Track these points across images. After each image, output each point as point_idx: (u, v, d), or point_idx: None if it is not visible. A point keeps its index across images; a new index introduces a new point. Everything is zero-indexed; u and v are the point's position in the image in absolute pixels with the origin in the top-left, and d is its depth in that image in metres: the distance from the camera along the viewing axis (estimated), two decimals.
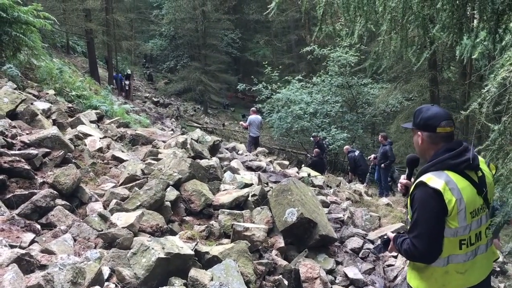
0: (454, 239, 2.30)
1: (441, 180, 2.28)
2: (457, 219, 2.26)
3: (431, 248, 2.29)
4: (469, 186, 2.32)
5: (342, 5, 3.28)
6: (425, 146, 2.46)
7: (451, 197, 2.24)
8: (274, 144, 23.51)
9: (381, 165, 12.14)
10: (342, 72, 20.15)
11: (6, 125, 5.14)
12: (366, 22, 3.35)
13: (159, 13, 37.47)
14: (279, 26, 36.48)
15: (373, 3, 3.19)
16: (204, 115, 31.29)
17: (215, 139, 8.46)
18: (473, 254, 2.35)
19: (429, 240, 2.28)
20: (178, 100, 33.52)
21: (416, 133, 2.50)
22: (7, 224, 3.62)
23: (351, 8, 3.28)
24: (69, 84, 9.83)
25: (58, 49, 25.91)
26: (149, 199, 4.50)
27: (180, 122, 25.54)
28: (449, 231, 2.28)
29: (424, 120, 2.44)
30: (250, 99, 32.10)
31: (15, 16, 8.43)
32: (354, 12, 3.29)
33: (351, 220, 6.75)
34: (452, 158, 2.33)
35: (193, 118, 29.21)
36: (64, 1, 21.51)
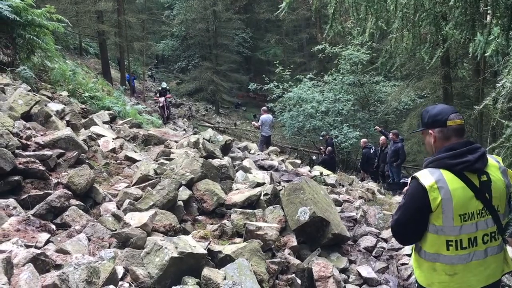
0: (439, 237, 2.35)
1: (432, 177, 2.33)
2: (441, 217, 2.31)
3: (401, 235, 2.53)
4: (463, 188, 2.32)
5: (352, 4, 3.26)
6: (438, 144, 2.45)
7: (437, 196, 2.29)
8: (285, 143, 23.48)
9: (393, 164, 12.07)
10: (354, 70, 20.07)
11: (21, 126, 5.21)
12: (377, 20, 3.33)
13: (170, 13, 37.65)
14: (290, 25, 36.42)
15: (383, 1, 3.17)
16: (215, 114, 31.36)
17: (227, 139, 8.48)
18: (466, 258, 2.35)
19: (402, 227, 2.47)
20: (190, 100, 33.65)
21: (427, 133, 2.49)
22: (22, 225, 3.67)
23: (361, 6, 3.26)
24: (82, 86, 9.92)
25: (71, 51, 26.16)
26: (162, 198, 4.53)
27: (192, 122, 25.63)
28: (432, 228, 2.36)
29: (432, 117, 2.45)
30: (262, 98, 32.09)
31: (29, 19, 8.54)
32: (365, 11, 3.27)
33: (364, 218, 6.72)
34: (450, 157, 2.34)
35: (205, 118, 29.29)
36: (77, 3, 21.70)
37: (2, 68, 7.91)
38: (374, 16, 3.20)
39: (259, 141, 14.90)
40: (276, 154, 12.02)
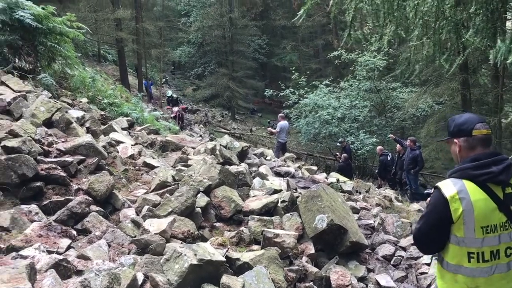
0: (460, 248, 2.32)
1: (454, 188, 2.30)
2: (462, 229, 2.28)
3: (423, 245, 2.50)
4: (486, 200, 2.28)
5: (371, 11, 3.25)
6: (463, 154, 2.42)
7: (458, 206, 2.26)
8: (301, 149, 23.43)
9: (410, 171, 11.95)
10: (370, 77, 19.95)
11: (42, 133, 5.30)
12: (396, 28, 3.31)
13: (187, 20, 37.93)
14: (306, 31, 36.38)
15: (403, 9, 3.15)
16: (231, 120, 31.45)
17: (243, 145, 8.51)
18: (488, 271, 2.31)
19: (424, 237, 2.44)
20: (206, 106, 33.80)
21: (453, 142, 2.47)
22: (44, 230, 3.73)
23: (380, 14, 3.25)
24: (101, 92, 10.06)
25: (90, 58, 26.52)
26: (180, 205, 4.57)
27: (208, 128, 25.74)
28: (454, 239, 2.33)
29: (458, 126, 2.42)
30: (277, 104, 32.08)
31: (50, 27, 8.70)
32: (384, 18, 3.27)
33: (382, 226, 6.67)
34: (474, 168, 2.31)
35: (221, 124, 29.39)
36: (96, 11, 22.03)
37: (24, 75, 8.07)
38: (394, 24, 3.19)
39: (275, 148, 14.90)
40: (292, 161, 12.00)
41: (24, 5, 8.50)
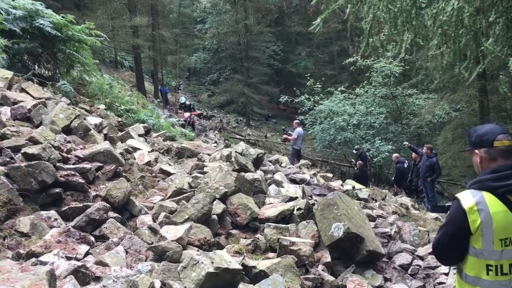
0: (479, 260, 2.30)
1: (473, 199, 2.28)
2: (481, 241, 2.26)
3: (442, 255, 2.49)
4: (505, 212, 2.24)
5: (389, 20, 3.24)
6: (484, 165, 2.39)
7: (477, 218, 2.23)
8: (316, 156, 23.37)
9: (427, 179, 11.83)
10: (386, 83, 19.84)
11: (61, 140, 5.38)
12: (414, 36, 3.30)
13: (203, 27, 38.24)
14: (321, 38, 36.35)
15: (421, 17, 3.14)
16: (246, 127, 31.51)
17: (259, 152, 8.51)
18: (506, 285, 2.28)
19: (443, 248, 2.43)
20: (221, 112, 33.94)
21: (474, 153, 2.44)
22: (63, 236, 3.78)
23: (398, 22, 3.24)
24: (118, 99, 10.18)
25: (106, 64, 26.88)
26: (197, 212, 4.58)
27: (223, 134, 25.83)
28: (473, 250, 2.31)
29: (479, 137, 2.40)
30: (292, 110, 32.06)
31: (69, 35, 8.84)
32: (402, 27, 3.25)
33: (398, 235, 6.60)
34: (494, 180, 2.28)
35: (235, 130, 29.47)
36: (113, 18, 22.34)
37: (43, 82, 8.20)
38: (412, 32, 3.18)
39: (290, 154, 14.89)
40: (307, 167, 11.97)
41: (44, 13, 8.66)
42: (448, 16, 2.91)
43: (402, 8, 3.09)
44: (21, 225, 3.80)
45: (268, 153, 18.67)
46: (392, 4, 3.22)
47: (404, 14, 3.07)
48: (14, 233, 3.76)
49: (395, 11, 3.09)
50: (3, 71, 7.03)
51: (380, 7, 3.28)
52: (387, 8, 3.22)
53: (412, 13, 3.06)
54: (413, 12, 3.05)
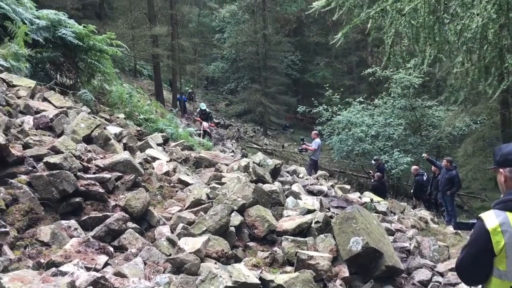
0: (503, 282, 2.25)
1: (496, 220, 2.24)
2: (505, 262, 2.22)
3: (465, 276, 2.44)
4: None
5: (411, 35, 3.22)
6: (508, 184, 2.36)
7: (500, 239, 2.20)
8: (334, 167, 23.23)
9: (447, 192, 11.65)
10: (405, 94, 19.67)
11: (82, 149, 5.44)
12: (438, 52, 3.27)
13: (221, 37, 38.50)
14: (339, 48, 36.17)
15: (445, 33, 3.11)
16: (263, 136, 31.52)
17: (276, 163, 8.49)
18: None
19: (466, 268, 2.40)
20: (238, 121, 34.03)
21: (499, 172, 2.41)
22: (83, 246, 3.81)
23: (421, 38, 3.22)
24: (138, 108, 10.28)
25: (126, 73, 27.25)
26: (215, 224, 4.58)
27: (240, 144, 25.87)
28: (496, 272, 2.26)
29: (504, 156, 2.36)
30: (309, 120, 32.03)
31: (90, 45, 8.98)
32: (424, 42, 3.23)
33: (418, 250, 6.50)
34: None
35: (252, 140, 29.49)
36: (133, 28, 22.68)
37: (65, 91, 8.33)
38: (435, 48, 3.15)
39: (307, 165, 14.82)
40: (324, 179, 11.90)
41: (66, 23, 8.82)
42: (473, 33, 2.87)
43: (424, 24, 3.07)
44: (41, 234, 3.84)
45: (285, 163, 18.63)
46: (414, 19, 3.20)
47: (426, 29, 3.05)
48: (35, 242, 3.80)
49: (417, 26, 3.07)
50: (26, 80, 7.17)
51: (402, 22, 3.26)
52: (409, 23, 3.20)
53: (435, 28, 3.03)
54: (436, 28, 3.03)
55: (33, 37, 8.03)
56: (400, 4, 3.41)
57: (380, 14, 3.68)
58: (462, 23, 3.03)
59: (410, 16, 3.29)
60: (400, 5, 3.41)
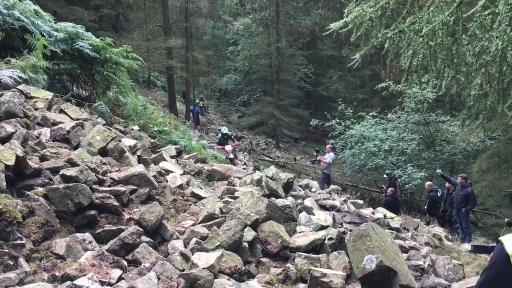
0: None
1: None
2: None
3: None
4: None
5: (429, 57, 3.21)
6: None
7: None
8: (346, 180, 23.11)
9: (462, 209, 11.51)
10: (419, 109, 19.55)
11: (98, 161, 5.49)
12: (456, 74, 3.25)
13: (235, 49, 38.76)
14: (352, 61, 36.27)
15: (463, 55, 3.10)
16: (275, 149, 31.50)
17: (289, 177, 8.48)
18: None
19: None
20: (251, 133, 34.08)
21: None
22: (97, 260, 3.82)
23: (438, 59, 3.21)
24: (152, 120, 10.35)
25: (140, 84, 27.50)
26: (228, 239, 4.58)
27: (252, 156, 25.88)
28: None
29: None
30: (321, 133, 31.98)
31: (107, 57, 9.09)
32: (442, 63, 3.22)
33: (432, 268, 6.42)
34: None
35: (265, 152, 29.49)
36: (148, 40, 22.92)
37: (81, 102, 8.43)
38: (453, 69, 3.14)
39: (320, 179, 14.77)
40: (337, 193, 11.84)
41: (84, 36, 8.95)
42: (492, 56, 2.86)
43: (442, 45, 3.06)
44: (57, 247, 3.87)
45: (297, 176, 18.58)
46: (432, 40, 3.20)
47: (444, 51, 3.04)
48: (50, 254, 3.83)
49: (435, 48, 3.06)
50: (44, 92, 7.26)
51: (420, 43, 3.26)
52: (427, 44, 3.20)
53: (453, 49, 3.02)
54: (454, 49, 3.02)
55: (51, 49, 8.16)
56: (418, 25, 3.41)
57: (398, 35, 3.68)
58: (480, 45, 3.02)
59: (428, 37, 3.29)
60: (418, 26, 3.42)
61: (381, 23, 3.99)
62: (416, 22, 3.43)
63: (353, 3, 4.48)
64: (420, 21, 3.40)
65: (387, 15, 3.91)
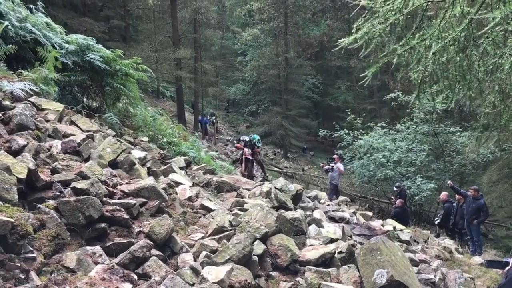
0: None
1: None
2: None
3: None
4: None
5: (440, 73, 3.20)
6: None
7: None
8: (355, 191, 22.99)
9: (473, 221, 11.39)
10: (428, 119, 19.45)
11: (108, 174, 5.51)
12: (468, 91, 3.24)
13: (243, 59, 38.94)
14: (361, 72, 36.13)
15: (475, 71, 3.09)
16: (283, 159, 31.49)
17: (298, 188, 8.44)
18: None
19: None
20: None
21: None
22: (107, 273, 3.82)
23: (450, 75, 3.20)
24: (161, 131, 10.39)
25: (149, 94, 27.69)
26: (238, 253, 4.57)
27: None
28: None
29: None
30: (330, 143, 31.90)
31: (117, 69, 9.16)
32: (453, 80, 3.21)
33: (443, 282, 6.34)
34: None
35: (273, 162, 29.48)
36: (158, 51, 23.13)
37: (91, 114, 8.49)
38: (465, 86, 3.13)
39: (328, 190, 14.72)
40: (346, 205, 11.80)
41: (94, 48, 9.03)
42: (506, 74, 2.85)
43: (454, 62, 3.06)
44: (67, 260, 3.88)
45: (305, 187, 18.52)
46: (443, 56, 3.20)
47: (455, 67, 3.03)
48: (60, 268, 3.84)
49: (446, 64, 3.06)
50: (55, 104, 7.33)
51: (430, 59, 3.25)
52: (438, 60, 3.20)
53: (464, 65, 3.01)
54: (465, 65, 3.01)
55: (62, 61, 8.24)
56: (428, 41, 3.41)
57: (408, 51, 3.69)
58: (493, 62, 3.01)
59: (439, 54, 3.28)
60: (428, 42, 3.42)
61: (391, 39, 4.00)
62: (426, 38, 3.43)
63: (361, 19, 4.51)
64: (430, 37, 3.40)
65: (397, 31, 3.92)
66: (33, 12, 8.97)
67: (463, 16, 3.16)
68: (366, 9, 4.33)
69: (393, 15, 3.85)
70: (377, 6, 4.11)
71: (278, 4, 33.28)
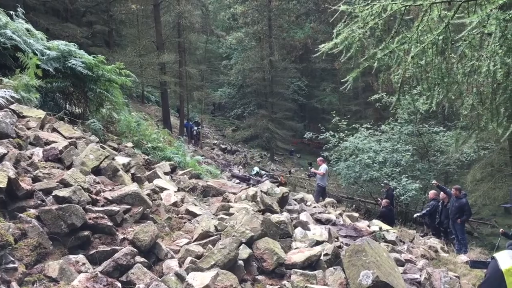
0: None
1: (511, 261, 2.24)
2: None
3: None
4: None
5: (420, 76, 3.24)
6: None
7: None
8: (341, 192, 23.11)
9: (457, 220, 11.52)
10: (412, 120, 19.66)
11: (91, 181, 5.46)
12: (447, 93, 3.28)
13: (228, 63, 38.95)
14: (345, 74, 36.33)
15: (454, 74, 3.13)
16: (270, 161, 31.52)
17: (284, 191, 8.44)
18: None
19: None
20: (245, 146, 34.11)
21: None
22: (91, 282, 3.78)
23: (429, 78, 3.24)
24: (146, 137, 10.32)
25: (133, 99, 27.53)
26: (223, 258, 4.55)
27: (247, 169, 25.85)
28: None
29: None
30: (316, 145, 32.06)
31: (99, 74, 9.08)
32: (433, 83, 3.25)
33: (428, 281, 6.39)
34: None
35: (259, 165, 29.47)
36: (142, 55, 23.02)
37: (74, 120, 8.40)
38: (444, 88, 3.16)
39: (315, 192, 14.76)
40: (332, 206, 11.83)
41: (76, 54, 8.95)
42: (484, 77, 2.89)
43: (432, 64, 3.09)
44: (50, 270, 3.83)
45: (292, 189, 18.55)
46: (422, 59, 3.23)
47: (434, 70, 3.07)
48: (43, 277, 3.78)
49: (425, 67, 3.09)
50: (36, 111, 7.24)
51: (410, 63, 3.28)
52: (417, 64, 3.23)
53: (443, 68, 3.05)
54: (444, 68, 3.05)
55: (44, 67, 8.15)
56: (408, 45, 3.45)
57: (388, 55, 3.72)
58: (471, 64, 3.06)
59: (418, 57, 3.32)
60: (407, 46, 3.45)
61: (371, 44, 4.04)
62: (405, 42, 3.46)
63: (341, 24, 4.54)
64: (409, 41, 3.44)
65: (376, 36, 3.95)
66: (14, 18, 8.85)
67: (441, 19, 3.21)
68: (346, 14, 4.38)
69: (372, 19, 3.89)
70: (357, 11, 4.15)
71: (262, 7, 33.37)
